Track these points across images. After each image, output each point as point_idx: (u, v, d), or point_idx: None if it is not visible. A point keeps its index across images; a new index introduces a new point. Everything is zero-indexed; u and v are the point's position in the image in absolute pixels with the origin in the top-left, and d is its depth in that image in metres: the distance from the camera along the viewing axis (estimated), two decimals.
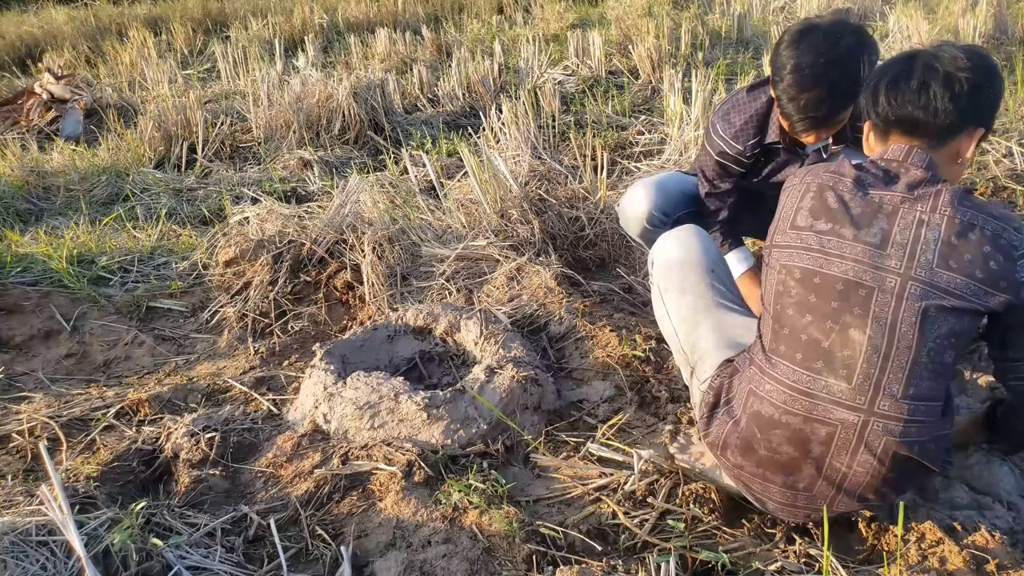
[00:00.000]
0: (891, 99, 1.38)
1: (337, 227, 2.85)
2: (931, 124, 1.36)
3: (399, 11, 9.90)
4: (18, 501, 1.60)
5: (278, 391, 2.25)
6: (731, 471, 1.48)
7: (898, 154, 1.38)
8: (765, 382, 1.36)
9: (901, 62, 1.41)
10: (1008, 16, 5.32)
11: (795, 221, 1.38)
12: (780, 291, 1.37)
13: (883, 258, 1.29)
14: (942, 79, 1.35)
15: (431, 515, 1.58)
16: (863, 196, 1.34)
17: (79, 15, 10.16)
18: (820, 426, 1.30)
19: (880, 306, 1.27)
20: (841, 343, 1.29)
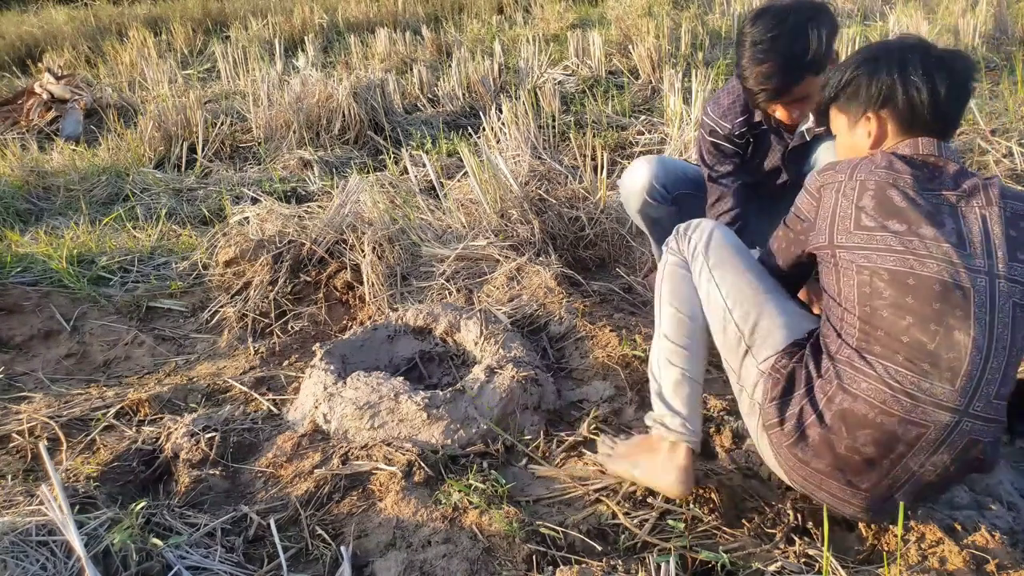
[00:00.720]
0: (932, 94, 1.39)
1: (337, 227, 2.85)
2: (955, 120, 1.42)
3: (399, 11, 9.90)
4: (18, 501, 1.60)
5: (278, 391, 2.25)
6: (788, 465, 1.42)
7: (932, 148, 1.40)
8: (861, 380, 1.31)
9: (923, 55, 1.41)
10: (1008, 16, 5.32)
11: (860, 221, 1.35)
12: (867, 292, 1.32)
13: (968, 257, 1.28)
14: (965, 76, 1.39)
15: (431, 515, 1.58)
16: (927, 193, 1.33)
17: (79, 15, 10.17)
18: (913, 427, 1.28)
19: (979, 307, 1.26)
20: (947, 345, 1.26)
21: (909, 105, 1.41)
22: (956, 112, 1.42)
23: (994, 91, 4.27)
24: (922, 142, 1.41)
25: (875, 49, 1.48)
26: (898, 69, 1.41)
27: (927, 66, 1.39)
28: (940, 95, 1.38)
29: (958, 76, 1.39)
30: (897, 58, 1.42)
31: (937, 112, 1.40)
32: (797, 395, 1.40)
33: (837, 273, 1.38)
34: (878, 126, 1.46)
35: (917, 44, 1.44)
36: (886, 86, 1.42)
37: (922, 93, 1.39)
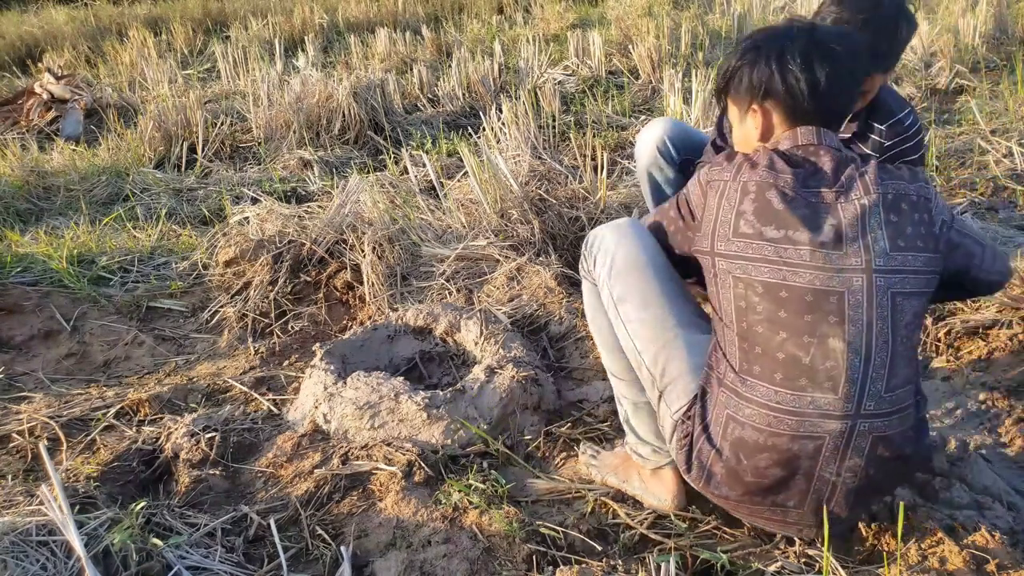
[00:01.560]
0: (811, 83, 1.33)
1: (337, 227, 2.85)
2: (842, 107, 1.37)
3: (399, 11, 9.90)
4: (18, 501, 1.60)
5: (278, 391, 2.25)
6: (716, 501, 1.42)
7: (811, 137, 1.35)
8: (744, 406, 1.29)
9: (805, 42, 1.35)
10: (1008, 16, 5.32)
11: (739, 227, 1.30)
12: (742, 307, 1.29)
13: (843, 258, 1.25)
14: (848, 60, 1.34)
15: (431, 515, 1.58)
16: (805, 193, 1.28)
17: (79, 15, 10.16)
18: (808, 441, 1.26)
19: (853, 308, 1.24)
20: (822, 355, 1.24)
21: (789, 95, 1.35)
22: (842, 99, 1.36)
23: (994, 91, 4.27)
24: (801, 132, 1.35)
25: (759, 36, 1.41)
26: (776, 58, 1.35)
27: (806, 53, 1.33)
28: (820, 83, 1.32)
29: (840, 61, 1.32)
30: (776, 46, 1.36)
31: (818, 101, 1.34)
32: (698, 437, 1.38)
33: (716, 284, 1.35)
34: (763, 118, 1.40)
35: (801, 29, 1.38)
36: (765, 77, 1.36)
37: (800, 83, 1.33)
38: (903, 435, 1.29)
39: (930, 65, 4.82)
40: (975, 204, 3.06)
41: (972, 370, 2.07)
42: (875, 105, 2.05)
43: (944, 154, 3.46)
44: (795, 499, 1.32)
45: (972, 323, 2.16)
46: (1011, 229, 2.76)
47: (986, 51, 4.97)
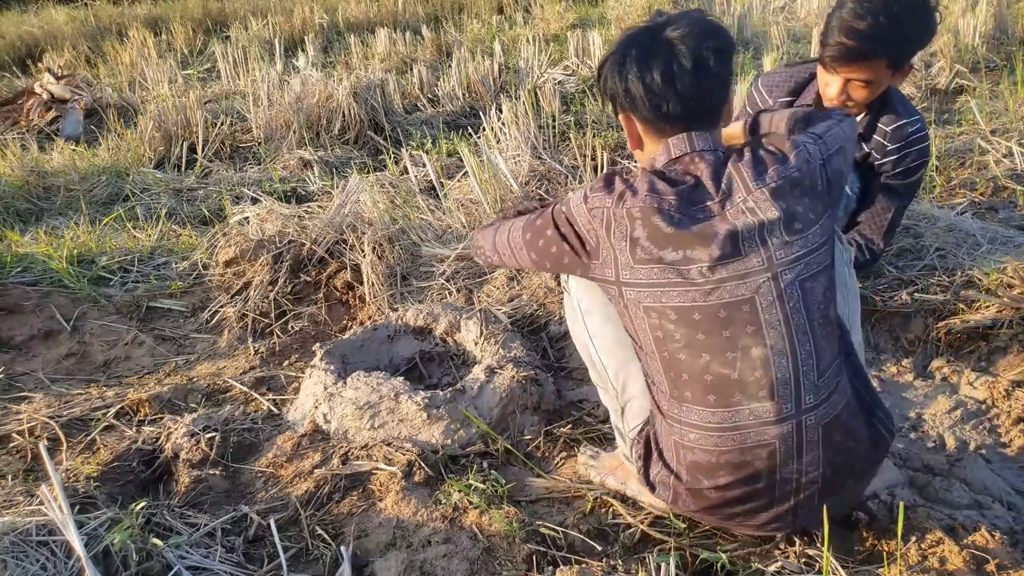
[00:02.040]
0: (646, 86, 1.28)
1: (337, 227, 2.85)
2: (702, 102, 1.29)
3: (399, 11, 9.90)
4: (18, 501, 1.60)
5: (278, 391, 2.25)
6: (687, 515, 1.43)
7: (684, 147, 1.30)
8: (687, 432, 1.29)
9: (649, 44, 1.28)
10: (1008, 16, 5.32)
11: (637, 254, 1.25)
12: (660, 337, 1.26)
13: (744, 262, 1.22)
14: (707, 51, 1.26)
15: (431, 515, 1.58)
16: (692, 211, 1.25)
17: (79, 15, 10.16)
18: (760, 449, 1.25)
19: (767, 311, 1.22)
20: (749, 368, 1.22)
21: (632, 103, 1.31)
22: (691, 96, 1.27)
23: (994, 91, 4.27)
24: (672, 143, 1.31)
25: (615, 44, 1.36)
26: (618, 67, 1.31)
27: (644, 56, 1.28)
28: (656, 86, 1.26)
29: (680, 59, 1.26)
30: (619, 54, 1.32)
31: (661, 105, 1.28)
32: (655, 459, 1.39)
33: (628, 314, 1.31)
34: (628, 127, 1.38)
35: (648, 28, 1.32)
36: (611, 87, 1.34)
37: (639, 88, 1.28)
38: (848, 410, 1.28)
39: (930, 65, 4.82)
40: (975, 204, 3.05)
41: (972, 370, 2.07)
42: (884, 105, 2.04)
43: (944, 154, 3.46)
44: (764, 503, 1.31)
45: (972, 323, 2.16)
46: (1011, 229, 2.76)
47: (986, 51, 4.97)
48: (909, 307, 2.28)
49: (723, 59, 1.29)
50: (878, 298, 2.36)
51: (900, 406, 1.99)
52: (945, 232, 2.67)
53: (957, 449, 1.80)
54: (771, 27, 6.36)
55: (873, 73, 1.88)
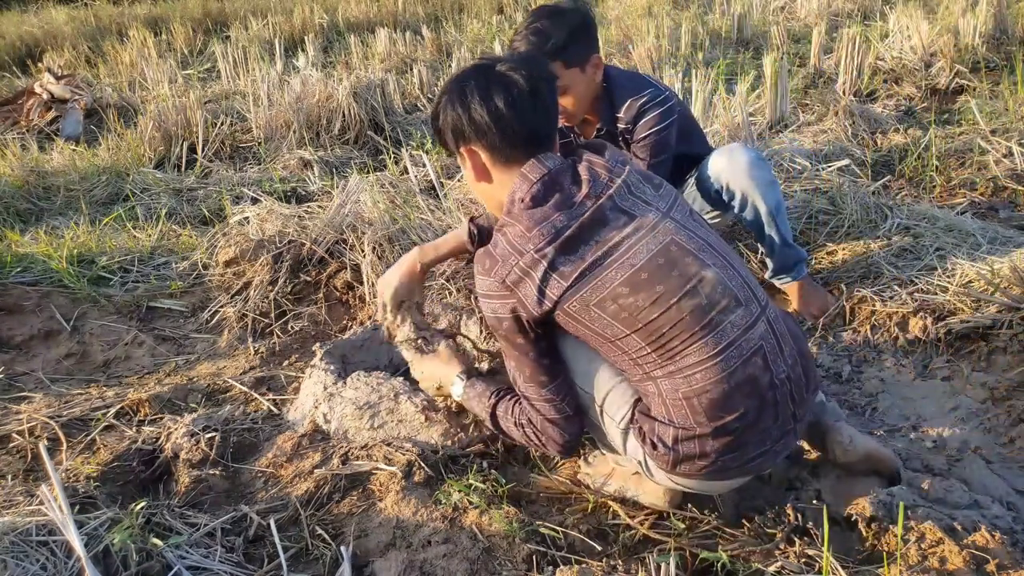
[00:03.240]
0: (492, 113, 1.38)
1: (337, 227, 2.85)
2: (541, 129, 1.43)
3: (399, 11, 9.90)
4: (18, 501, 1.60)
5: (278, 391, 2.25)
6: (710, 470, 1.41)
7: (537, 171, 1.40)
8: (690, 376, 1.34)
9: (482, 78, 1.41)
10: (1008, 16, 5.32)
11: (563, 272, 1.33)
12: (627, 317, 1.33)
13: (642, 220, 1.36)
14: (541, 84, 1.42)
15: (431, 515, 1.58)
16: (574, 211, 1.35)
17: (79, 15, 10.17)
18: (755, 357, 1.35)
19: (690, 243, 1.37)
20: (710, 288, 1.34)
21: (478, 131, 1.41)
22: (532, 121, 1.40)
23: (994, 91, 4.27)
24: (527, 171, 1.40)
25: (447, 83, 1.48)
26: (459, 99, 1.41)
27: (483, 87, 1.39)
28: (502, 112, 1.38)
29: (517, 87, 1.38)
30: (457, 89, 1.43)
31: (507, 129, 1.39)
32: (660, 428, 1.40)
33: (581, 323, 1.37)
34: (472, 159, 1.46)
35: (478, 67, 1.45)
36: (454, 119, 1.43)
37: (484, 116, 1.39)
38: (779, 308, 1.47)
39: (930, 65, 4.82)
40: (975, 204, 3.06)
41: (972, 370, 2.07)
42: (609, 98, 2.27)
43: (944, 154, 3.46)
44: (771, 412, 1.38)
45: (972, 323, 2.16)
46: (1011, 229, 2.76)
47: (986, 51, 4.97)
48: (909, 307, 2.28)
49: (552, 88, 1.45)
50: (878, 298, 2.36)
51: (900, 406, 1.99)
52: (945, 232, 2.67)
53: (957, 449, 1.80)
54: (771, 27, 6.36)
55: (563, 80, 2.06)
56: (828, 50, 5.46)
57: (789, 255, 2.31)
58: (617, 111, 2.26)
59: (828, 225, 2.86)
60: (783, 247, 2.29)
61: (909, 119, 4.23)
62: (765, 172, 2.23)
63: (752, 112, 4.10)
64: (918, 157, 3.46)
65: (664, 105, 2.22)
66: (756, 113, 4.16)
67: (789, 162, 3.39)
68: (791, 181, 3.23)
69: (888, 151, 3.68)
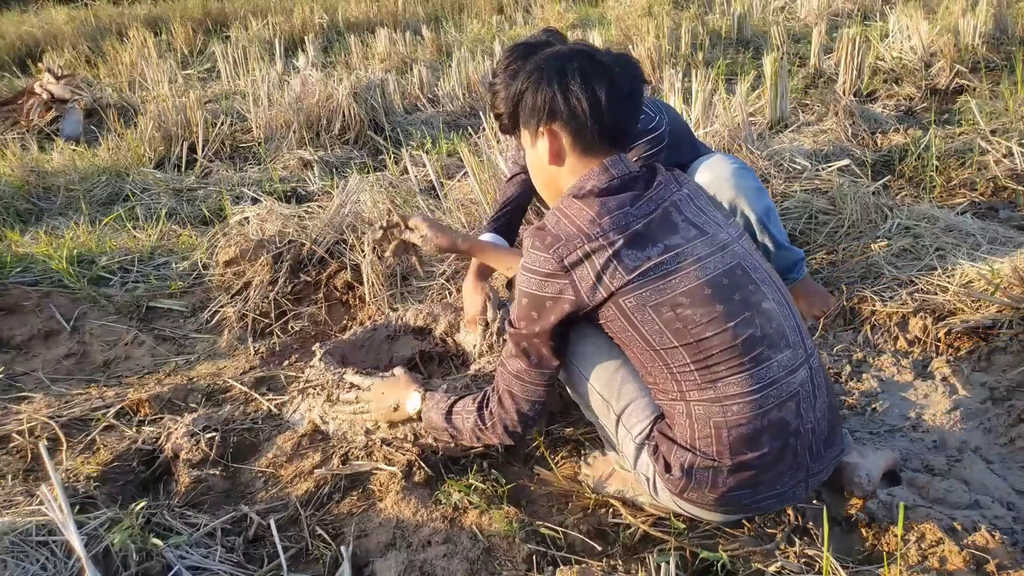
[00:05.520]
0: (592, 102, 1.35)
1: (337, 227, 2.85)
2: (625, 127, 1.42)
3: (399, 11, 9.91)
4: (18, 501, 1.60)
5: (278, 391, 2.25)
6: (716, 503, 1.41)
7: (619, 167, 1.39)
8: (729, 406, 1.32)
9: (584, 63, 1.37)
10: (1008, 16, 5.32)
11: (627, 264, 1.30)
12: (680, 328, 1.30)
13: (712, 239, 1.36)
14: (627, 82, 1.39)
15: (431, 515, 1.58)
16: (647, 206, 1.36)
17: (79, 15, 10.17)
18: (790, 402, 1.34)
19: (754, 272, 1.37)
20: (765, 321, 1.33)
21: (572, 115, 1.37)
22: (623, 119, 1.39)
23: (994, 91, 4.27)
24: (609, 164, 1.39)
25: (540, 59, 1.42)
26: (557, 79, 1.37)
27: (586, 73, 1.35)
28: (600, 102, 1.35)
29: (619, 82, 1.36)
30: (557, 68, 1.38)
31: (602, 120, 1.36)
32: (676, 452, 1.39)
33: (634, 322, 1.34)
34: (551, 140, 1.41)
35: (580, 51, 1.41)
36: (548, 97, 1.37)
37: (582, 102, 1.35)
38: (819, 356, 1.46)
39: (930, 65, 4.82)
40: (975, 204, 3.06)
41: (972, 370, 2.07)
42: None
43: (944, 154, 3.46)
44: (789, 459, 1.38)
45: (972, 323, 2.16)
46: (1011, 229, 2.76)
47: (986, 51, 4.97)
48: (909, 307, 2.28)
49: (643, 93, 1.45)
50: (878, 298, 2.36)
51: (900, 406, 1.99)
52: (945, 232, 2.67)
53: (957, 449, 1.80)
54: (771, 27, 6.36)
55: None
56: (828, 50, 5.46)
57: (787, 257, 2.31)
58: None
59: (828, 225, 2.86)
60: (779, 251, 2.29)
61: (909, 119, 4.23)
62: (749, 180, 2.22)
63: (752, 112, 4.10)
64: (918, 157, 3.47)
65: (653, 133, 2.17)
66: (756, 113, 4.16)
67: (789, 162, 3.39)
68: (791, 181, 3.23)
69: (888, 151, 3.68)
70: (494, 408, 1.50)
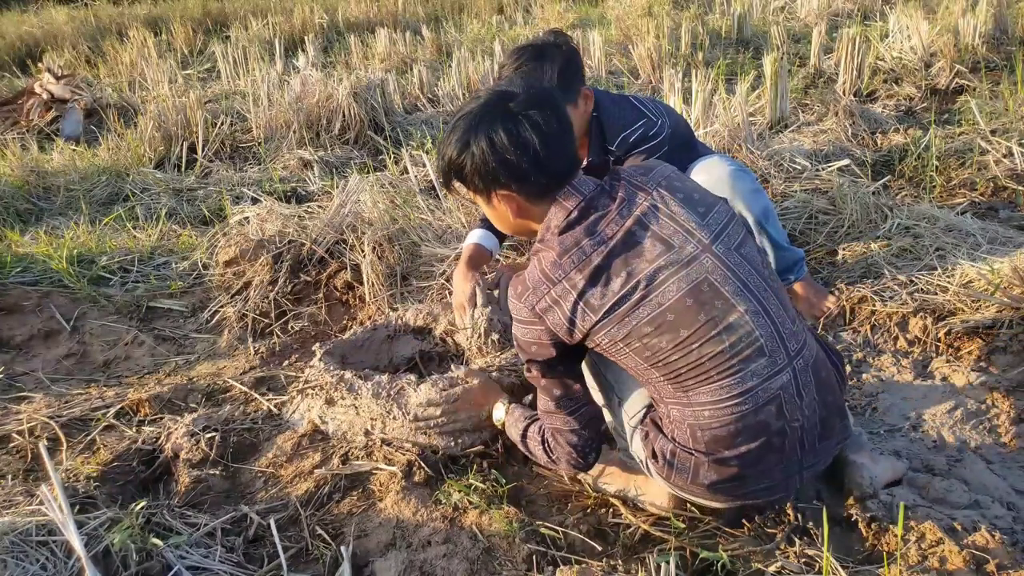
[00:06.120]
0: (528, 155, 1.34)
1: (337, 227, 2.85)
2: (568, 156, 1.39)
3: (399, 11, 9.91)
4: (18, 501, 1.60)
5: (278, 391, 2.25)
6: (704, 493, 1.44)
7: (573, 200, 1.36)
8: (700, 412, 1.35)
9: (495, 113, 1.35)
10: (1008, 16, 5.32)
11: (592, 304, 1.31)
12: (649, 356, 1.33)
13: (679, 252, 1.32)
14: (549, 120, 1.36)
15: (431, 515, 1.58)
16: (608, 232, 1.33)
17: (79, 15, 10.17)
18: (769, 405, 1.34)
19: (724, 284, 1.32)
20: (735, 335, 1.31)
21: (515, 175, 1.35)
22: (563, 152, 1.37)
23: (994, 91, 4.27)
24: (563, 199, 1.36)
25: (462, 124, 1.39)
26: (488, 147, 1.34)
27: (510, 130, 1.33)
28: (538, 152, 1.33)
29: (544, 124, 1.34)
30: (483, 134, 1.35)
31: (542, 167, 1.35)
32: (663, 442, 1.43)
33: (609, 354, 1.38)
34: (508, 202, 1.41)
35: (494, 109, 1.37)
36: (489, 168, 1.35)
37: (521, 159, 1.33)
38: (821, 349, 1.43)
39: (930, 65, 4.82)
40: (975, 204, 3.06)
41: (972, 370, 2.07)
42: (598, 133, 2.20)
43: (944, 154, 3.46)
44: (776, 456, 1.38)
45: (972, 323, 2.16)
46: (1011, 229, 2.76)
47: (986, 51, 4.97)
48: (909, 307, 2.28)
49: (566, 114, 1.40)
50: (878, 298, 2.36)
51: (900, 406, 1.99)
52: (945, 232, 2.67)
53: (957, 449, 1.80)
54: (771, 27, 6.36)
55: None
56: (828, 50, 5.46)
57: (787, 257, 2.31)
58: (609, 144, 2.20)
59: (828, 225, 2.86)
60: (779, 251, 2.29)
61: (909, 119, 4.23)
62: (747, 181, 2.22)
63: (752, 112, 4.10)
64: (918, 157, 3.46)
65: (655, 139, 2.18)
66: (756, 113, 4.16)
67: (789, 162, 3.39)
68: (791, 181, 3.23)
69: (888, 151, 3.68)
70: (552, 445, 1.53)
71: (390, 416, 1.85)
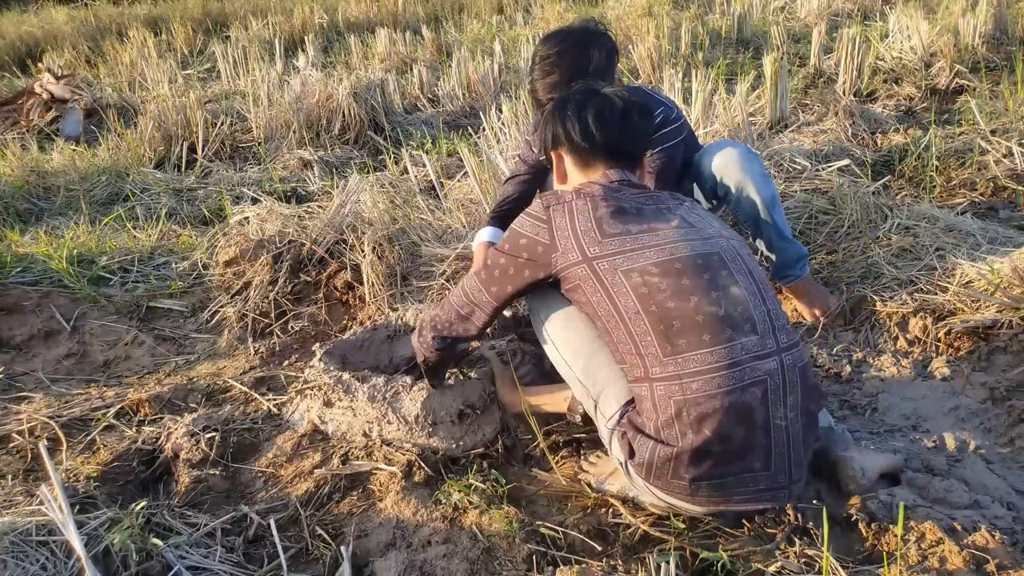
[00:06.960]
0: (583, 130, 1.57)
1: (337, 227, 2.85)
2: (626, 147, 1.61)
3: (399, 11, 9.91)
4: (18, 501, 1.60)
5: (278, 391, 2.25)
6: (684, 491, 1.43)
7: (618, 176, 1.58)
8: (688, 383, 1.35)
9: (590, 95, 1.60)
10: (1008, 16, 5.32)
11: (605, 230, 1.46)
12: (645, 293, 1.39)
13: (701, 231, 1.48)
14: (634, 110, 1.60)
15: (431, 515, 1.58)
16: (641, 198, 1.53)
17: (79, 15, 10.17)
18: (755, 387, 1.35)
19: (733, 262, 1.45)
20: (731, 304, 1.38)
21: (568, 140, 1.60)
22: (616, 135, 1.58)
23: (994, 91, 4.27)
24: (611, 172, 1.58)
25: (559, 97, 1.69)
26: (558, 112, 1.61)
27: (580, 103, 1.59)
28: (590, 125, 1.56)
29: (608, 106, 1.57)
30: (560, 103, 1.63)
31: (592, 139, 1.57)
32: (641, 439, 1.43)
33: (602, 286, 1.44)
34: (556, 163, 1.66)
35: (585, 90, 1.63)
36: (551, 126, 1.63)
37: (576, 129, 1.57)
38: (807, 361, 1.47)
39: (930, 65, 4.82)
40: (975, 204, 3.06)
41: (972, 370, 2.07)
42: None
43: (944, 154, 3.46)
44: (761, 458, 1.38)
45: (972, 323, 2.16)
46: (1011, 229, 2.76)
47: (986, 51, 4.97)
48: (909, 307, 2.28)
49: (646, 118, 1.64)
50: (878, 298, 2.36)
51: (900, 406, 1.99)
52: (945, 232, 2.67)
53: (957, 449, 1.80)
54: (771, 27, 6.36)
55: None
56: (828, 50, 5.46)
57: (789, 250, 2.31)
58: None
59: (828, 225, 2.86)
60: (781, 240, 2.28)
61: (909, 119, 4.23)
62: (757, 164, 2.24)
63: (752, 112, 4.10)
64: (918, 157, 3.46)
65: (676, 123, 2.25)
66: (756, 113, 4.16)
67: (789, 162, 3.39)
68: (791, 181, 3.23)
69: (888, 151, 3.68)
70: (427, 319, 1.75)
71: (385, 420, 1.85)
